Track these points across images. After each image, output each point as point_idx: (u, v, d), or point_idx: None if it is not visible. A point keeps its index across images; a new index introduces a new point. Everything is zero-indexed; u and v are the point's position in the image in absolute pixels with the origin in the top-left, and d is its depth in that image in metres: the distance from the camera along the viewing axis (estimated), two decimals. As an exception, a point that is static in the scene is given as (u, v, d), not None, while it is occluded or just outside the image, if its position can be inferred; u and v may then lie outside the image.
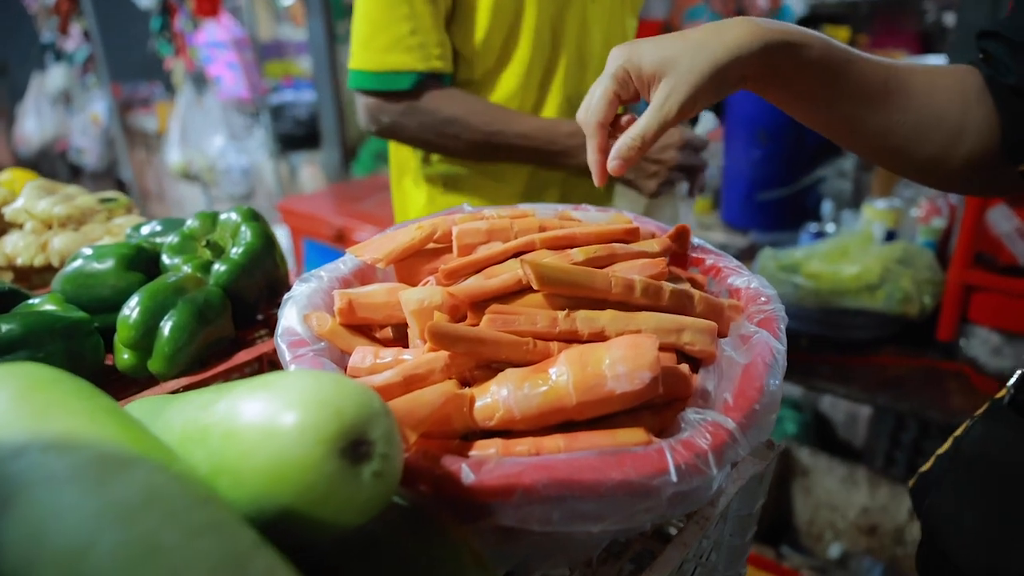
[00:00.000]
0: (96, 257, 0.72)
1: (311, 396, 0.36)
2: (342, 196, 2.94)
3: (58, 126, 4.57)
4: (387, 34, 1.02)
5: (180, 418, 0.41)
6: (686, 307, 0.55)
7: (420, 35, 1.02)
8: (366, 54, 1.05)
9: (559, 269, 0.52)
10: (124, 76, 4.32)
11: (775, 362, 0.51)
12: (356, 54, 1.07)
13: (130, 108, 4.43)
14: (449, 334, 0.47)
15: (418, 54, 1.03)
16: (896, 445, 2.02)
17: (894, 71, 0.62)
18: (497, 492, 0.41)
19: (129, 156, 4.66)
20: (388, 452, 0.36)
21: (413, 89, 1.04)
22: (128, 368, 0.66)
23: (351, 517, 0.35)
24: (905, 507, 1.81)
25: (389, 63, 1.03)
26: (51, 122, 4.53)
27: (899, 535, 1.84)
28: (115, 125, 4.46)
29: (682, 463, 0.43)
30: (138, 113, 4.42)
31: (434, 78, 1.06)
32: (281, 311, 0.58)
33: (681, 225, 0.66)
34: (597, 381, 0.45)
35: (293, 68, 4.30)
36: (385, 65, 1.04)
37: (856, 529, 1.90)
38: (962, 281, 1.41)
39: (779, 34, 0.58)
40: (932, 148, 0.62)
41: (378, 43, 1.03)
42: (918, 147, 0.62)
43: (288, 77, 4.18)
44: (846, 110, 0.62)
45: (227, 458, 0.36)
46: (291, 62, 4.32)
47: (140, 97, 4.43)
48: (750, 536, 0.65)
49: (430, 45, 1.03)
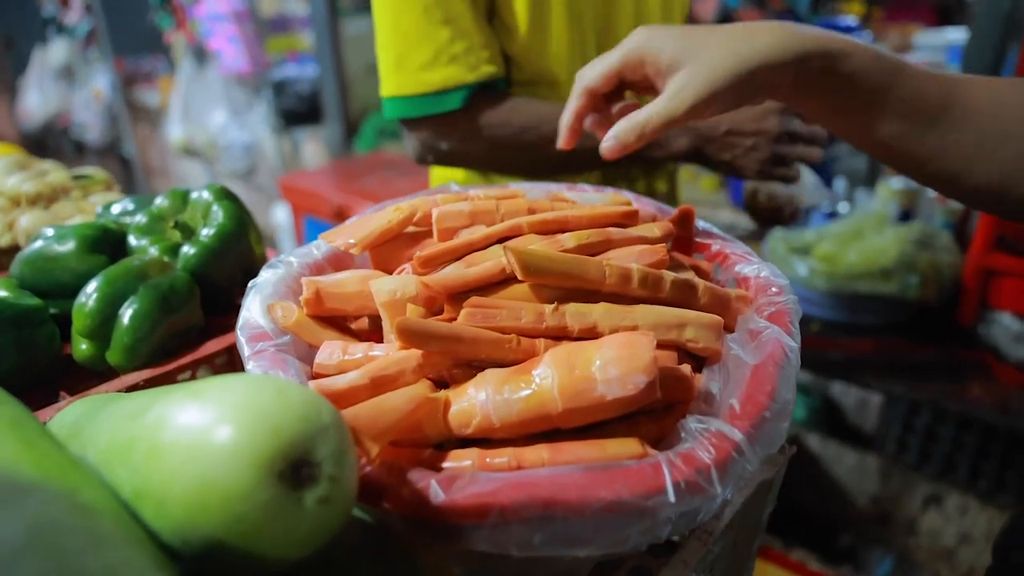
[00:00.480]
0: (57, 238, 0.67)
1: (246, 407, 0.31)
2: (344, 173, 2.89)
3: (61, 101, 4.52)
4: (424, 47, 0.84)
5: (108, 427, 0.36)
6: (689, 299, 0.50)
7: (463, 39, 0.84)
8: (401, 76, 0.87)
9: (547, 257, 0.46)
10: (126, 50, 4.26)
11: (788, 362, 0.45)
12: (389, 78, 0.88)
13: (133, 83, 4.38)
14: (421, 331, 0.42)
15: (464, 63, 0.85)
16: (909, 431, 1.97)
17: (952, 84, 0.54)
18: (470, 513, 0.36)
19: (132, 132, 4.61)
20: (337, 474, 0.31)
21: (467, 106, 0.86)
22: (86, 359, 0.61)
23: (291, 550, 0.30)
24: (918, 497, 1.76)
25: (432, 82, 0.85)
26: (54, 97, 4.48)
27: (911, 525, 1.80)
28: (118, 100, 4.40)
29: (681, 480, 0.37)
30: (141, 88, 4.36)
31: (487, 87, 0.88)
32: (244, 300, 0.53)
33: (684, 207, 0.60)
34: (586, 385, 0.40)
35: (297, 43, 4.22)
36: (427, 85, 0.85)
37: (866, 519, 1.86)
38: (983, 265, 1.35)
39: (817, 42, 0.52)
40: (996, 171, 0.54)
41: (414, 60, 0.85)
42: (980, 169, 0.54)
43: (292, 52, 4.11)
44: (894, 128, 0.55)
45: (151, 480, 0.31)
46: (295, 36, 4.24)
47: (143, 72, 4.37)
48: (756, 546, 0.60)
49: (476, 49, 0.85)
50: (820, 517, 1.92)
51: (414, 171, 2.67)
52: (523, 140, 0.86)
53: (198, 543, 0.30)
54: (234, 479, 0.29)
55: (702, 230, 0.62)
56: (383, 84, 0.90)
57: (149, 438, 0.32)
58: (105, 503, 0.29)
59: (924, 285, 1.37)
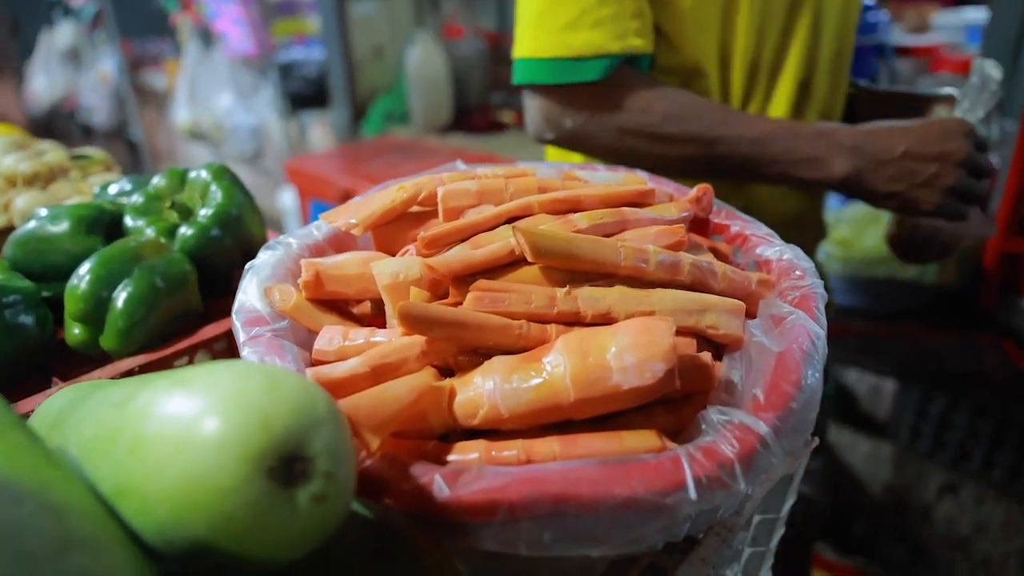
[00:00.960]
0: (51, 219, 0.65)
1: (235, 398, 0.28)
2: (350, 156, 2.86)
3: (68, 84, 4.50)
4: (568, 4, 0.74)
5: (93, 417, 0.34)
6: (708, 283, 0.47)
7: (612, 2, 0.74)
8: (540, 35, 0.76)
9: (559, 238, 0.43)
10: (133, 33, 4.24)
11: (814, 349, 0.43)
12: (525, 37, 0.79)
13: (140, 66, 4.36)
14: (424, 316, 0.39)
15: (610, 30, 0.74)
16: (923, 419, 1.94)
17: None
18: (477, 509, 0.34)
19: (139, 115, 4.59)
20: (333, 470, 0.29)
21: (606, 79, 0.76)
22: (79, 344, 0.59)
23: (282, 552, 0.28)
24: (933, 485, 1.74)
25: (572, 45, 0.75)
26: (60, 80, 4.46)
27: (926, 513, 1.77)
28: (124, 83, 4.39)
29: (703, 476, 0.35)
30: (148, 71, 4.34)
31: (631, 62, 0.78)
32: (241, 283, 0.50)
33: (703, 185, 0.57)
34: (600, 373, 0.38)
35: (304, 26, 4.19)
36: (567, 49, 0.75)
37: (881, 507, 1.83)
38: (1005, 249, 1.32)
39: None
40: None
41: (557, 18, 0.75)
42: None
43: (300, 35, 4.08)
44: None
45: (133, 475, 0.29)
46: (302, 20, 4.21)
47: (150, 55, 4.35)
48: (775, 542, 0.57)
49: (626, 16, 0.75)
50: (834, 506, 1.90)
51: (421, 155, 2.64)
52: (661, 132, 0.77)
53: (182, 543, 0.28)
54: (221, 475, 0.27)
55: (721, 210, 0.59)
56: (517, 43, 0.80)
57: (133, 429, 0.30)
58: (80, 502, 0.27)
59: (943, 270, 1.34)
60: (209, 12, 3.16)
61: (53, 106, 4.57)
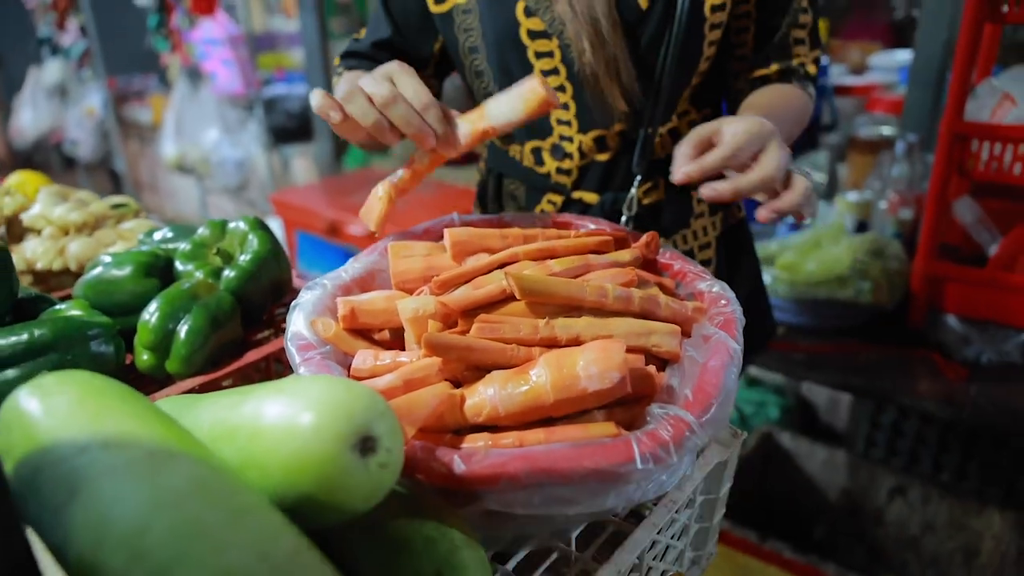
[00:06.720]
0: (116, 264, 0.77)
1: (326, 399, 0.42)
2: (334, 189, 2.99)
3: (53, 118, 4.60)
4: None
5: (209, 417, 0.47)
6: (654, 312, 0.61)
7: None
8: None
9: (539, 280, 0.58)
10: (119, 69, 4.36)
11: (732, 361, 0.57)
12: None
13: (125, 100, 4.47)
14: (443, 344, 0.53)
15: None
16: (876, 428, 2.09)
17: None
18: (485, 480, 0.48)
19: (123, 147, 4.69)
20: (391, 447, 0.42)
21: None
22: (148, 368, 0.72)
23: (359, 503, 0.42)
24: (884, 489, 1.88)
25: None
26: (46, 114, 4.57)
27: (879, 516, 1.91)
28: (110, 117, 4.49)
29: (647, 452, 0.49)
30: (132, 105, 4.45)
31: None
32: (289, 317, 0.64)
33: (651, 232, 0.72)
34: (572, 381, 0.52)
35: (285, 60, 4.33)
36: None
37: (838, 511, 1.97)
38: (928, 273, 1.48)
39: None
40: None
41: None
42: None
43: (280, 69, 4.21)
44: None
45: (254, 454, 0.42)
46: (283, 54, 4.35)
47: (134, 90, 4.47)
48: (717, 519, 0.71)
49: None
50: (795, 510, 2.04)
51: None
52: None
53: (292, 498, 0.41)
54: (321, 450, 0.40)
55: (666, 252, 0.74)
56: None
57: (251, 424, 0.43)
58: (227, 467, 0.40)
59: (876, 291, 1.50)
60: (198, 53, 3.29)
61: (38, 139, 4.66)
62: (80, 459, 0.37)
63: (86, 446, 0.37)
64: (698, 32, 0.89)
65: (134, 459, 0.37)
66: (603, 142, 0.95)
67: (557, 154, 0.98)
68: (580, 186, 1.00)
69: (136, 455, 0.37)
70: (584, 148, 0.96)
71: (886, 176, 1.75)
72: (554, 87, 0.92)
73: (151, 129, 4.30)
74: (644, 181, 0.97)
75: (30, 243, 0.93)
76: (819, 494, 2.00)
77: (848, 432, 2.19)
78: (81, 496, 0.35)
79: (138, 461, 0.37)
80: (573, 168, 0.98)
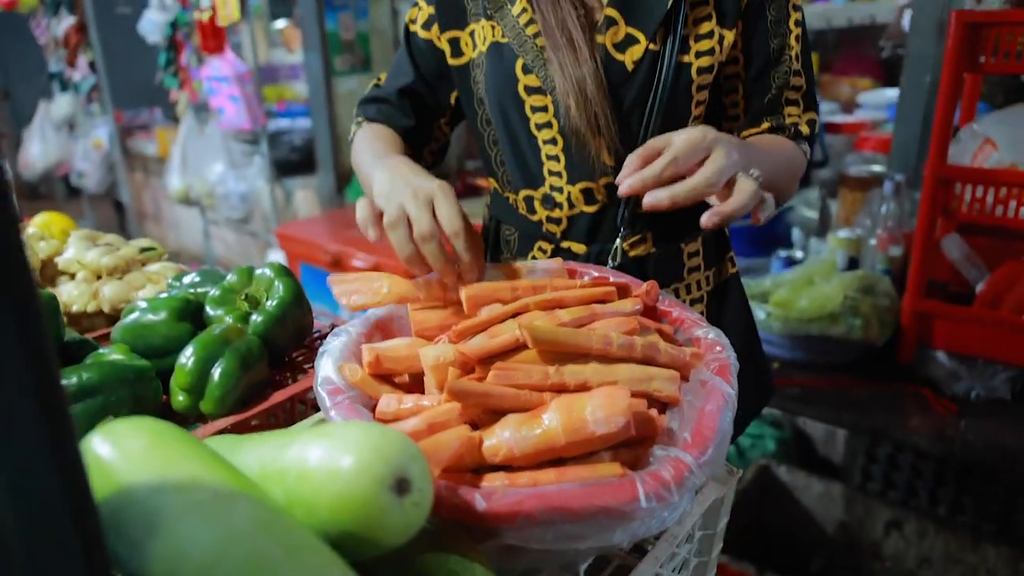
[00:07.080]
0: (151, 309, 0.83)
1: (365, 443, 0.47)
2: (338, 222, 3.06)
3: (61, 150, 4.69)
4: None
5: (256, 459, 0.52)
6: (654, 358, 0.67)
7: None
8: None
9: (548, 331, 0.63)
10: (126, 103, 4.46)
11: (727, 405, 0.63)
12: None
13: (131, 133, 4.56)
14: (464, 391, 0.59)
15: None
16: (873, 461, 2.13)
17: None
18: (504, 517, 0.53)
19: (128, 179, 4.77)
20: (423, 487, 0.47)
21: None
22: (183, 408, 0.77)
23: (395, 539, 0.47)
24: (881, 522, 1.91)
25: None
26: (55, 147, 4.65)
27: (875, 550, 1.94)
28: (116, 149, 4.58)
29: (650, 491, 0.54)
30: (138, 138, 4.54)
31: None
32: (318, 362, 0.69)
33: (651, 281, 0.78)
34: (581, 425, 0.57)
35: (286, 92, 4.42)
36: None
37: (835, 544, 2.00)
38: (916, 310, 1.54)
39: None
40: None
41: None
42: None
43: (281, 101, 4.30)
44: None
45: (301, 493, 0.47)
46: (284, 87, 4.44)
47: (140, 123, 4.56)
48: (715, 553, 0.76)
49: None
50: (792, 543, 2.07)
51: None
52: None
53: (335, 535, 0.46)
54: (361, 491, 0.45)
55: (665, 299, 0.80)
56: None
57: (298, 466, 0.48)
58: (279, 506, 0.45)
59: (867, 327, 1.56)
60: (206, 89, 3.37)
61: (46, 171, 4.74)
62: (156, 500, 0.42)
63: (160, 488, 0.43)
64: (685, 92, 0.95)
65: (203, 500, 0.42)
66: (591, 194, 1.00)
67: (548, 204, 1.03)
68: (569, 236, 1.04)
69: (204, 496, 0.42)
70: (573, 199, 1.01)
71: (876, 213, 1.81)
72: (547, 140, 0.99)
73: (156, 161, 4.39)
74: (631, 234, 1.01)
75: (66, 287, 0.98)
76: (816, 527, 2.03)
77: (845, 465, 2.23)
78: (159, 533, 0.40)
79: (207, 502, 0.42)
80: (563, 218, 1.03)
